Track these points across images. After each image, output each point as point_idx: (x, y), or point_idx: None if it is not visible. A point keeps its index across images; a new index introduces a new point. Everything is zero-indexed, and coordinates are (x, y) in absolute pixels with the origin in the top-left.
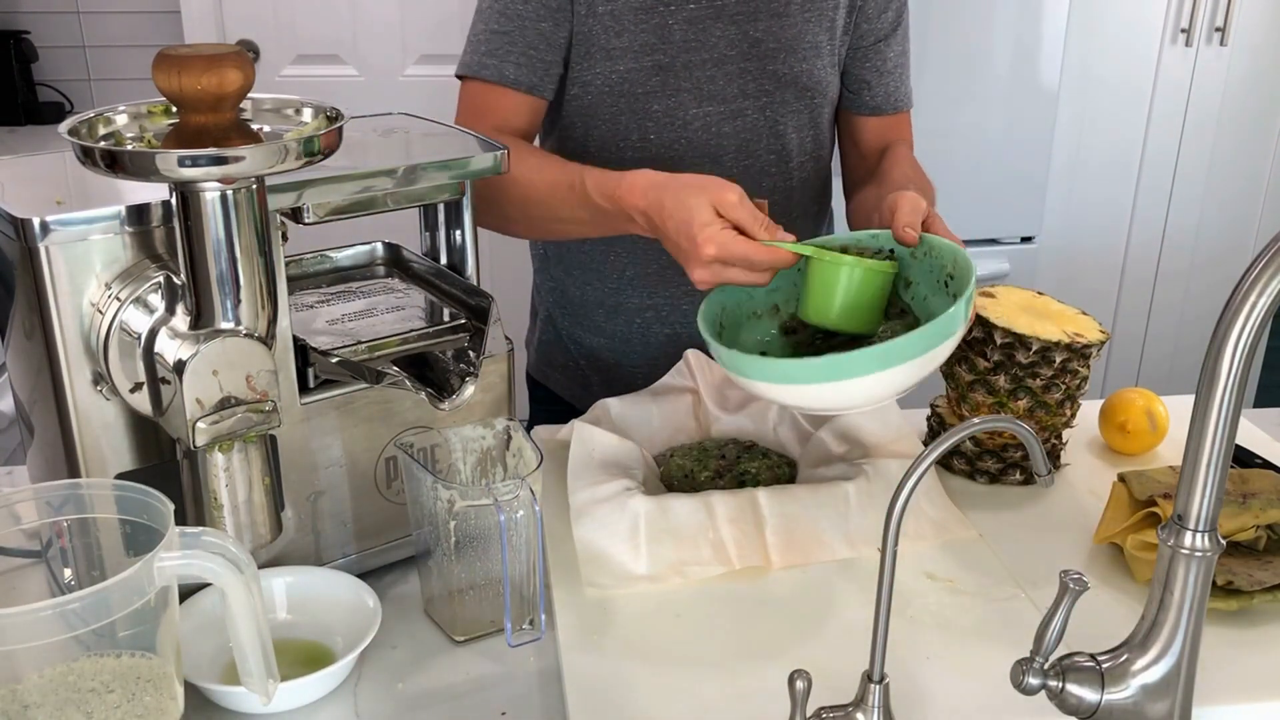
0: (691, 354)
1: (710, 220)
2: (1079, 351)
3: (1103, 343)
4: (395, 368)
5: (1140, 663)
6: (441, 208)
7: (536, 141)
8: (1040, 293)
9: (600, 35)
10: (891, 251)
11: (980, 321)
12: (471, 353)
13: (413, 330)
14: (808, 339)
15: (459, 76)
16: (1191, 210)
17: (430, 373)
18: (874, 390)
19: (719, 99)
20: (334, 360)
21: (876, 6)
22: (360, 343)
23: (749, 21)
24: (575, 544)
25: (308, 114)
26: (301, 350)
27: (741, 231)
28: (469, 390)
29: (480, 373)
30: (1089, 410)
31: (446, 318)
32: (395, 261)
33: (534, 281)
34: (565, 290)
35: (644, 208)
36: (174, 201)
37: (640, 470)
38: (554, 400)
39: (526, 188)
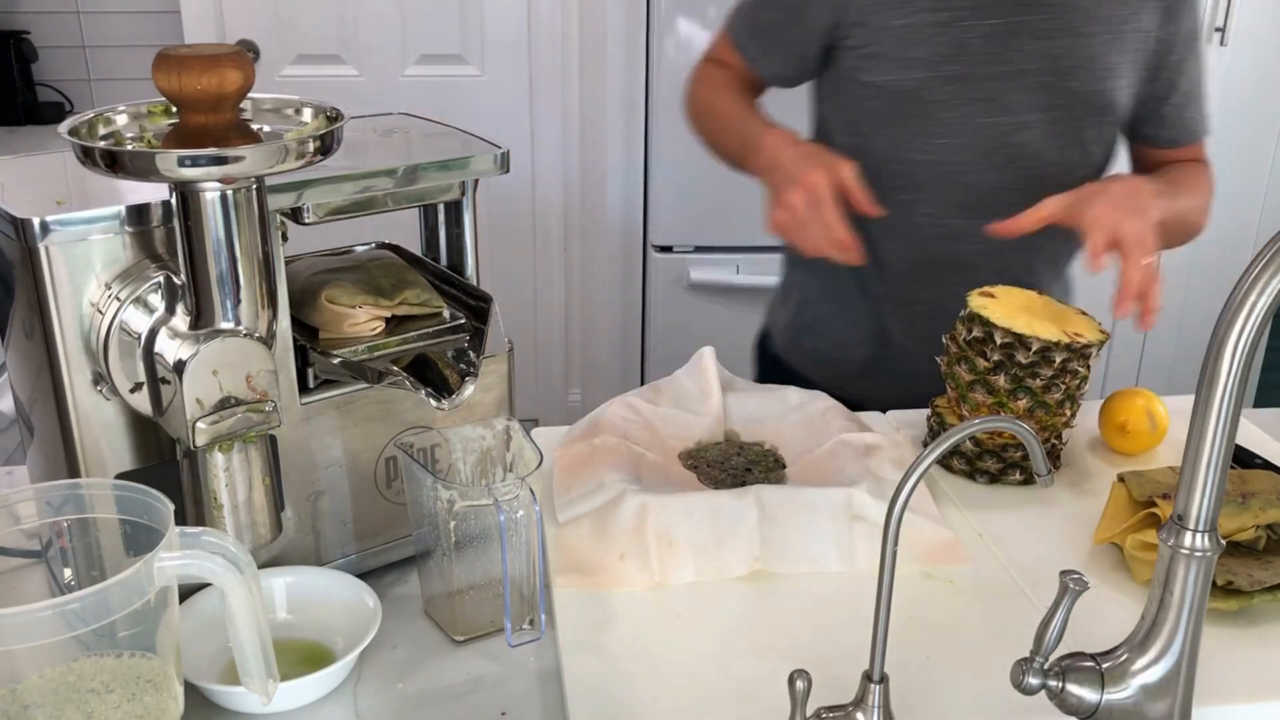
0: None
1: (821, 173)
2: (1078, 352)
3: (1102, 343)
4: (395, 368)
5: (1140, 663)
6: (441, 208)
7: (809, 132)
8: (1041, 292)
9: (895, 47)
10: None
11: (980, 321)
12: (471, 353)
13: (413, 330)
14: None
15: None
16: None
17: (430, 373)
18: None
19: (1009, 111)
20: (334, 360)
21: (1166, 46)
22: (360, 343)
23: (1051, 38)
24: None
25: (308, 114)
26: (301, 350)
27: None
28: (469, 390)
29: (480, 372)
30: (1089, 410)
31: (446, 318)
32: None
33: (786, 268)
34: (822, 285)
35: (780, 142)
36: (174, 201)
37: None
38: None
39: (710, 111)
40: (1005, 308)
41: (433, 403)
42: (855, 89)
